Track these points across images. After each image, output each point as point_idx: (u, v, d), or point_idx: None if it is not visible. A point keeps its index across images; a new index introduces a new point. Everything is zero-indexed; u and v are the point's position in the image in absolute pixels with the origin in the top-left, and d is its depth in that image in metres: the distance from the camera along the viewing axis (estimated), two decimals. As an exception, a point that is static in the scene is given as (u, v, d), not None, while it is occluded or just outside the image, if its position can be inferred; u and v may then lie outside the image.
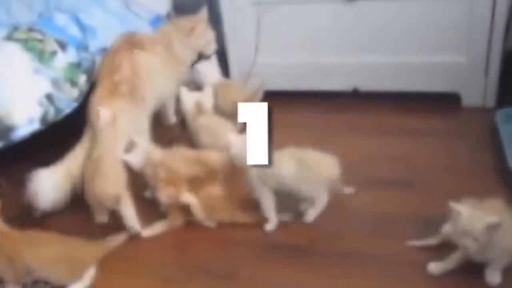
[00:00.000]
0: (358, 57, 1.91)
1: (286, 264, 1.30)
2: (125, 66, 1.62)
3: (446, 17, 1.76)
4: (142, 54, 1.69)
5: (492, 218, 1.05)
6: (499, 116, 1.66)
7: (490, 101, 1.84)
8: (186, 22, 1.82)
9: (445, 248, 1.22)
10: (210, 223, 1.45)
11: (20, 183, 1.45)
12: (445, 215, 1.18)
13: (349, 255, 1.30)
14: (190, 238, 1.42)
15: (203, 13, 1.84)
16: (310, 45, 1.96)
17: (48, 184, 1.44)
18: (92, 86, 1.68)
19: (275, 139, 1.56)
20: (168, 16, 2.26)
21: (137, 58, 1.67)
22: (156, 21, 2.19)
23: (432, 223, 1.29)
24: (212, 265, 1.33)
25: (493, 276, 1.15)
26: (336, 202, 1.47)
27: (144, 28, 2.09)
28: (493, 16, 1.71)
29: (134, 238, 1.44)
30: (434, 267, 1.20)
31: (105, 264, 1.36)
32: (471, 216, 1.08)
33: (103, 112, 1.45)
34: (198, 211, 1.42)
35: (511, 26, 1.78)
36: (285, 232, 1.40)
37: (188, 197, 1.41)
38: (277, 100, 1.60)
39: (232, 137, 1.37)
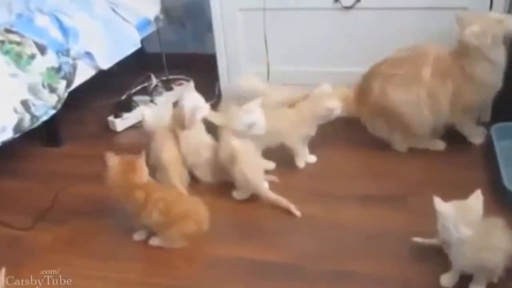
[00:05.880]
0: (352, 67, 1.86)
1: (274, 284, 1.25)
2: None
3: (442, 30, 1.72)
4: None
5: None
6: (494, 131, 1.64)
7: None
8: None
9: (439, 267, 1.19)
10: None
11: None
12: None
13: (339, 274, 1.25)
14: (173, 256, 1.36)
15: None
16: (303, 53, 1.92)
17: None
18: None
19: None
20: (157, 20, 2.20)
21: None
22: (144, 25, 2.12)
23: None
24: (197, 285, 1.28)
25: None
26: (327, 218, 1.44)
27: (130, 32, 2.02)
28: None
29: (118, 255, 1.38)
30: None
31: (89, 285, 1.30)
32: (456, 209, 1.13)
33: None
34: None
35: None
36: (273, 251, 1.35)
37: None
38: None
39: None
